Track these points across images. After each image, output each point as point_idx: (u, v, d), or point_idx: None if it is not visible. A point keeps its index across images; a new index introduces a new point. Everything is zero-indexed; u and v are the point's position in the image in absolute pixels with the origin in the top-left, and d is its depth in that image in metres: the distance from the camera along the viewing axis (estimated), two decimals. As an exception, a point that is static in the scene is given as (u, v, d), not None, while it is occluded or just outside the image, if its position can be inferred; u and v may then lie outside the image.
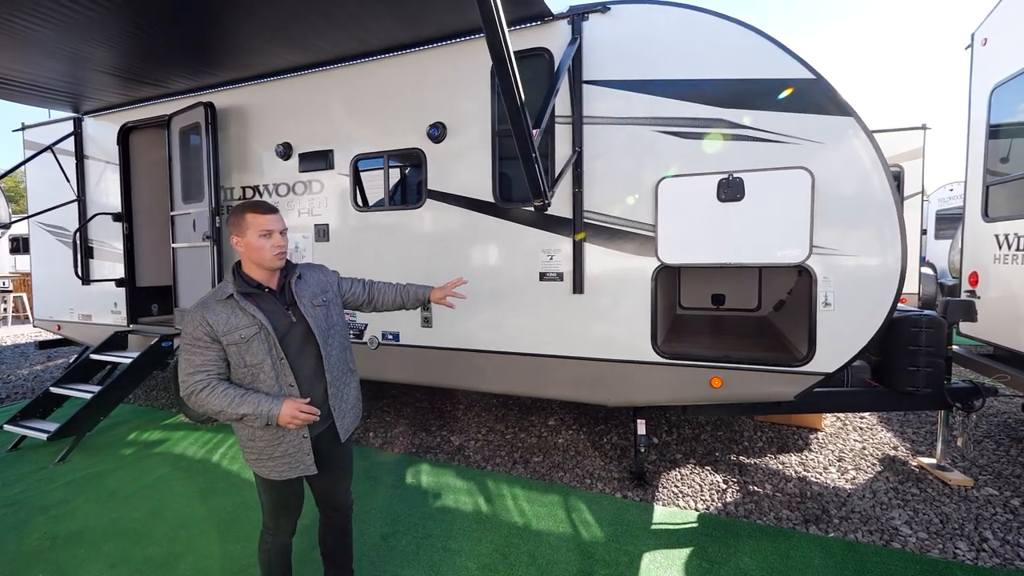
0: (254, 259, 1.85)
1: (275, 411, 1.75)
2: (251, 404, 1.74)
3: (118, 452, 4.25)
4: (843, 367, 2.87)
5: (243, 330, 1.79)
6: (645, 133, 3.14)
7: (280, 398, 1.78)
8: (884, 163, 2.73)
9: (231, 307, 1.80)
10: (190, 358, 1.76)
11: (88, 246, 5.47)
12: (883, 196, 2.74)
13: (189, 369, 1.76)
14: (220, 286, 1.87)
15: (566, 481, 3.69)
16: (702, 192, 2.99)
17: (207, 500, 3.39)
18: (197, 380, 1.75)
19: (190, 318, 1.78)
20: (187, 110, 4.49)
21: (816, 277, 2.84)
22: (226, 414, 1.74)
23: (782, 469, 3.84)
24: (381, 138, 3.92)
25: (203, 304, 1.81)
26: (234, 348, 1.78)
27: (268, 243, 1.84)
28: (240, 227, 1.84)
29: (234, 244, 1.86)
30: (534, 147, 2.36)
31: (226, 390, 1.75)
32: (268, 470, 1.89)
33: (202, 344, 1.76)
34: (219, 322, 1.77)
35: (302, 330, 1.91)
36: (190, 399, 1.75)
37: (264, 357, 1.81)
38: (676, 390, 3.18)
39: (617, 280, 3.27)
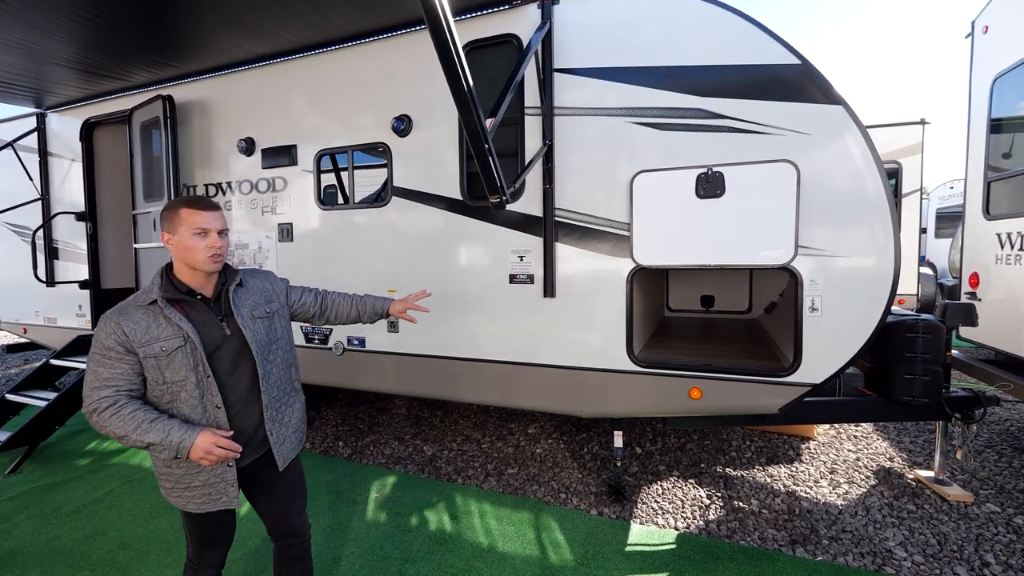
0: (185, 260, 1.64)
1: (187, 443, 1.53)
2: (159, 431, 1.52)
3: (73, 463, 4.05)
4: (832, 377, 2.64)
5: (164, 342, 1.58)
6: (620, 124, 2.92)
7: (196, 428, 1.56)
8: (876, 156, 2.51)
9: (153, 315, 1.59)
10: (97, 370, 1.54)
11: (52, 247, 5.26)
12: (875, 192, 2.51)
13: (95, 382, 1.54)
14: (144, 289, 1.66)
15: (540, 496, 3.48)
16: (680, 188, 2.77)
17: (153, 519, 3.18)
18: (103, 396, 1.52)
19: (104, 324, 1.57)
20: (147, 104, 4.28)
21: (802, 280, 2.62)
22: (130, 440, 1.51)
23: (770, 483, 3.62)
24: (345, 132, 3.70)
25: (121, 310, 1.59)
26: (152, 361, 1.57)
27: (202, 243, 1.62)
28: (172, 223, 1.63)
29: (164, 242, 1.65)
30: (487, 138, 2.14)
31: (134, 412, 1.52)
32: (185, 501, 1.68)
33: (113, 355, 1.54)
34: (137, 331, 1.56)
35: (236, 345, 1.70)
36: (91, 418, 1.53)
37: (188, 373, 1.60)
38: (653, 401, 2.96)
39: (590, 283, 3.05)
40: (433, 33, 1.82)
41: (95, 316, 4.99)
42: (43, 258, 5.22)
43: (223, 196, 4.23)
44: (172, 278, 1.66)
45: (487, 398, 3.37)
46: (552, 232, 3.07)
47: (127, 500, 3.41)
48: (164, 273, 1.68)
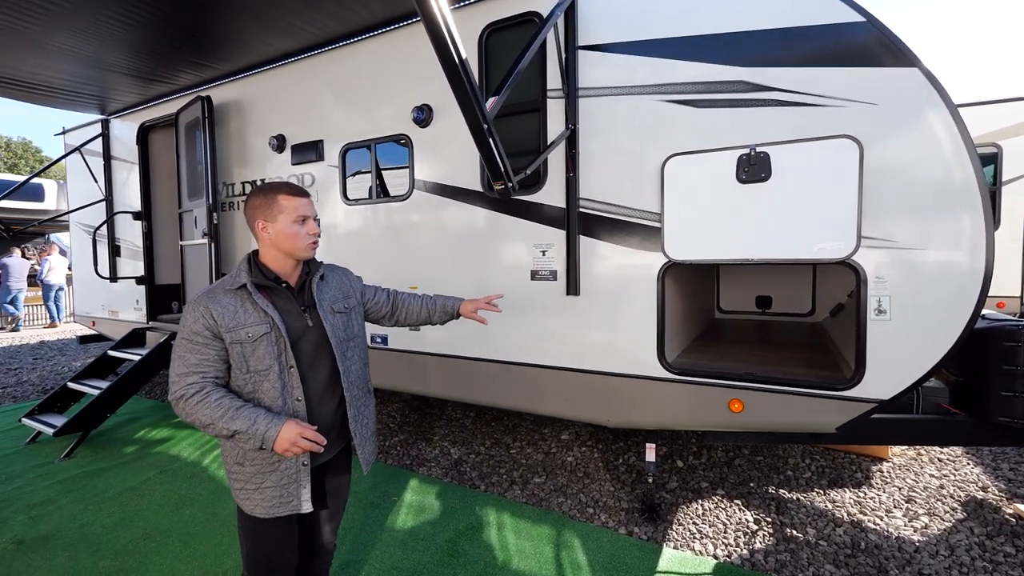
0: (284, 248, 1.61)
1: (272, 432, 1.47)
2: (246, 419, 1.46)
3: (121, 450, 4.24)
4: (903, 393, 2.22)
5: (251, 327, 1.54)
6: (650, 104, 2.62)
7: (281, 418, 1.50)
8: (963, 128, 2.07)
9: (241, 299, 1.56)
10: (185, 356, 1.51)
11: (115, 244, 5.60)
12: (962, 173, 2.08)
13: (182, 368, 1.50)
14: (231, 274, 1.62)
15: (565, 509, 3.23)
16: (718, 172, 2.44)
17: (179, 509, 3.23)
18: (190, 383, 1.49)
19: (191, 309, 1.53)
20: (189, 105, 4.42)
21: (865, 277, 2.22)
22: (215, 428, 1.46)
23: (832, 509, 3.17)
24: (368, 125, 3.62)
25: (209, 294, 1.56)
26: (238, 348, 1.53)
27: (303, 230, 1.61)
28: (270, 211, 1.59)
29: (259, 230, 1.61)
30: (485, 117, 1.93)
31: (220, 399, 1.48)
32: (254, 504, 1.58)
33: (201, 340, 1.51)
34: (225, 315, 1.52)
35: (316, 337, 1.66)
36: (178, 405, 1.49)
37: (271, 363, 1.55)
38: (687, 412, 2.64)
39: (617, 280, 2.77)
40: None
41: (150, 310, 5.25)
42: (106, 255, 5.56)
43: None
44: (260, 264, 1.63)
45: (506, 402, 3.17)
46: (576, 224, 2.82)
47: (159, 490, 3.50)
48: (252, 259, 1.64)
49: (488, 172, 2.12)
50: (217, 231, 4.21)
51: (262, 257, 1.64)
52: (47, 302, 11.39)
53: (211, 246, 4.19)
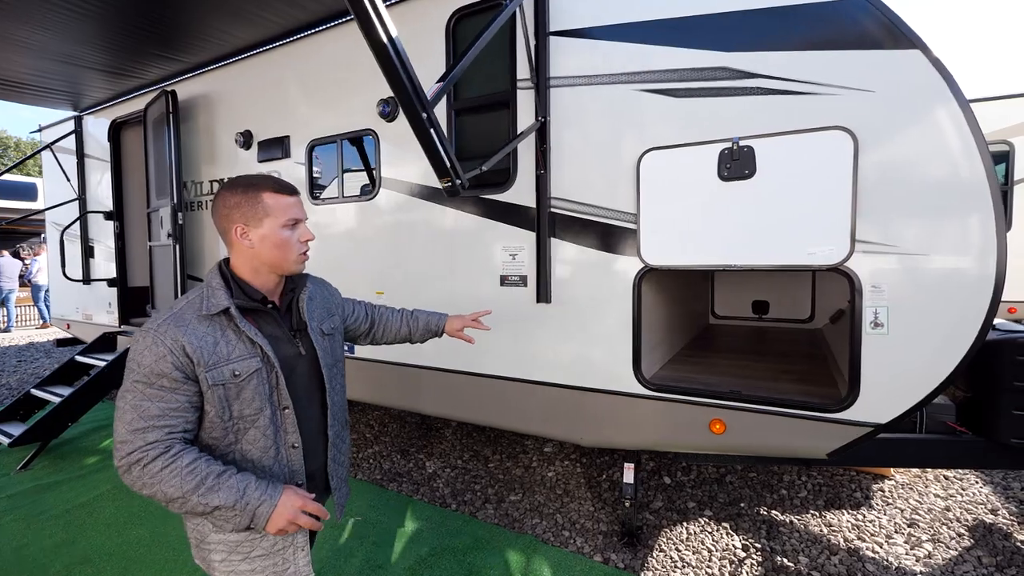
0: (269, 260, 1.27)
1: (267, 507, 1.15)
2: (231, 490, 1.13)
3: (81, 461, 4.05)
4: (903, 417, 1.98)
5: (238, 363, 1.20)
6: (626, 93, 2.39)
7: (277, 486, 1.19)
8: (971, 119, 1.83)
9: (220, 327, 1.21)
10: (141, 405, 1.12)
11: (89, 245, 5.42)
12: (969, 167, 1.84)
13: (137, 423, 1.11)
14: (200, 294, 1.24)
15: (539, 531, 3.01)
16: (698, 168, 2.21)
17: (126, 529, 3.03)
18: (149, 443, 1.11)
19: (150, 342, 1.15)
20: (155, 100, 4.23)
21: (860, 286, 1.98)
22: (186, 503, 1.11)
23: (827, 534, 2.93)
24: (334, 120, 3.41)
25: (176, 321, 1.18)
26: (219, 391, 1.19)
27: (294, 237, 1.29)
28: (251, 212, 1.24)
29: (236, 236, 1.25)
30: (424, 105, 1.71)
31: (193, 464, 1.13)
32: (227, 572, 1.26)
33: (167, 384, 1.14)
34: (203, 349, 1.17)
35: (308, 367, 1.37)
36: (130, 472, 1.11)
37: (262, 405, 1.24)
38: (664, 432, 2.41)
39: (590, 287, 2.55)
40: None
41: (122, 313, 5.07)
42: (79, 256, 5.39)
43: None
44: (240, 281, 1.28)
45: (473, 416, 2.95)
46: (546, 226, 2.60)
47: (109, 507, 3.30)
48: (227, 274, 1.28)
49: (432, 166, 1.90)
50: (182, 232, 4.01)
51: (239, 271, 1.28)
52: (37, 303, 11.29)
53: (175, 248, 3.99)
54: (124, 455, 1.11)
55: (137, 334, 1.17)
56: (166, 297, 4.24)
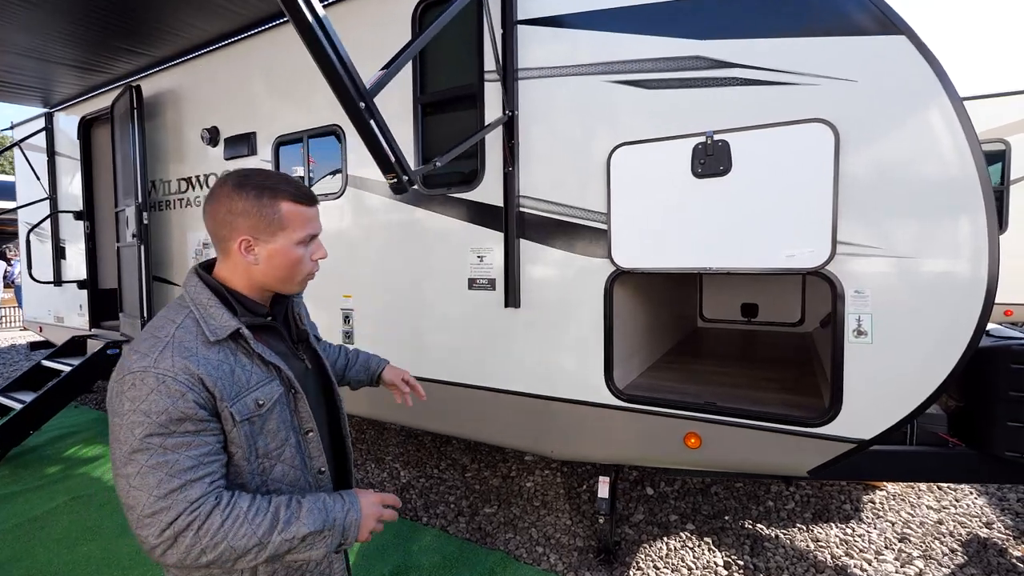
0: (272, 278, 1.07)
1: (354, 513, 1.01)
2: (312, 515, 0.97)
3: (42, 470, 3.90)
4: (890, 431, 1.84)
5: (259, 391, 1.02)
6: (595, 85, 2.25)
7: (348, 493, 1.06)
8: (961, 111, 1.69)
9: (231, 352, 1.01)
10: (166, 461, 0.89)
11: (60, 246, 5.27)
12: (959, 164, 1.70)
13: (168, 484, 0.88)
14: (190, 315, 1.01)
15: (512, 547, 2.86)
16: (670, 164, 2.06)
17: (78, 545, 2.87)
18: (194, 502, 0.89)
19: (153, 382, 0.91)
20: (121, 96, 4.08)
21: (842, 291, 1.84)
22: (269, 548, 0.92)
23: (814, 550, 2.79)
24: (300, 116, 3.26)
25: (177, 350, 0.95)
26: (246, 428, 0.99)
27: (307, 255, 1.09)
28: (265, 223, 1.02)
29: (238, 248, 1.03)
30: (361, 92, 1.56)
31: (253, 503, 0.95)
32: None
33: (192, 426, 0.92)
34: (221, 380, 0.96)
35: (315, 381, 1.22)
36: (178, 545, 0.88)
37: (287, 435, 1.07)
38: (637, 446, 2.27)
39: (560, 291, 2.40)
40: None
41: (92, 316, 4.92)
42: (50, 257, 5.23)
43: (192, 191, 3.94)
44: (237, 294, 1.07)
45: (437, 426, 2.81)
46: (514, 226, 2.45)
47: (64, 520, 3.14)
48: (219, 288, 1.05)
49: (376, 162, 1.75)
50: (147, 232, 3.86)
51: (231, 283, 1.06)
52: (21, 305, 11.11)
53: (140, 248, 3.84)
54: (162, 530, 0.86)
55: (127, 379, 0.91)
56: (134, 300, 4.08)
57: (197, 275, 1.06)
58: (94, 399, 5.81)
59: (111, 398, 0.93)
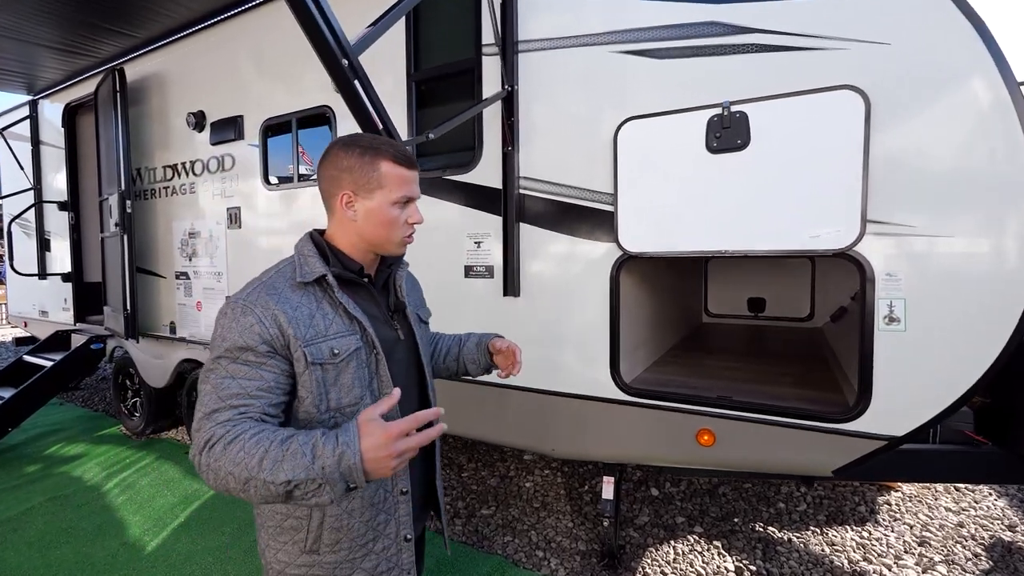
0: (372, 237, 1.09)
1: (352, 449, 0.81)
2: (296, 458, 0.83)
3: (22, 469, 3.74)
4: (924, 428, 1.69)
5: (336, 340, 1.02)
6: (602, 56, 2.09)
7: (345, 427, 0.85)
8: (1008, 74, 1.53)
9: (315, 299, 1.04)
10: (221, 384, 0.93)
11: (44, 238, 5.10)
12: (1006, 134, 1.54)
13: (212, 404, 0.92)
14: (291, 262, 1.08)
15: (510, 551, 2.71)
16: (683, 139, 1.91)
17: (51, 549, 2.72)
18: (218, 423, 0.90)
19: (238, 312, 0.97)
20: (104, 80, 3.91)
21: (872, 274, 1.68)
22: (256, 484, 0.83)
23: (829, 554, 2.64)
24: (289, 97, 3.10)
25: (267, 288, 1.01)
26: (317, 373, 0.99)
27: (403, 217, 1.09)
28: (365, 179, 1.05)
29: (340, 204, 1.07)
30: (344, 50, 1.40)
31: (257, 436, 0.87)
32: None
33: (252, 358, 0.95)
34: (300, 320, 0.99)
35: (406, 355, 1.18)
36: (198, 461, 0.89)
37: (362, 393, 1.04)
38: (645, 444, 2.11)
39: (563, 278, 2.25)
40: None
41: (77, 310, 4.75)
42: (34, 249, 5.07)
43: (178, 179, 3.77)
44: (335, 251, 1.10)
45: (436, 426, 2.64)
46: (514, 209, 2.29)
47: (38, 522, 2.98)
48: (321, 242, 1.10)
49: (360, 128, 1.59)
50: (131, 221, 3.69)
51: (336, 241, 1.10)
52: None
53: (123, 238, 3.68)
54: (200, 446, 0.89)
55: (223, 306, 1.01)
56: (117, 293, 3.92)
57: (308, 234, 1.12)
58: (80, 396, 5.65)
59: None
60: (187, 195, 3.73)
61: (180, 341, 3.81)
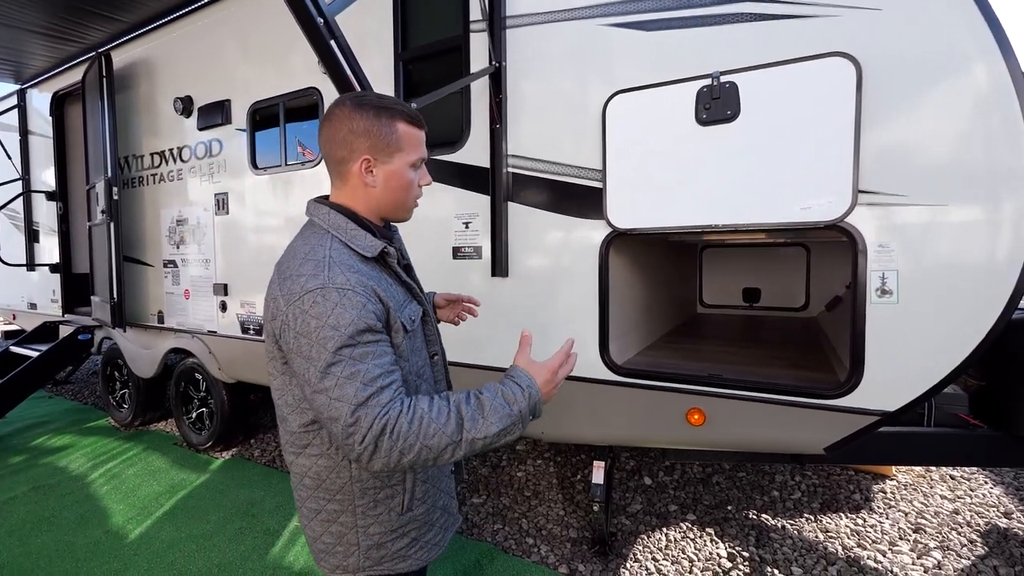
0: (388, 203, 1.06)
1: (536, 396, 0.98)
2: (498, 411, 0.92)
3: (5, 460, 3.69)
4: (917, 402, 1.65)
5: (409, 308, 1.05)
6: (590, 29, 2.05)
7: (516, 371, 1.01)
8: (1002, 36, 1.50)
9: (379, 270, 1.03)
10: (357, 371, 0.89)
11: (33, 229, 5.04)
12: (1000, 103, 1.51)
13: (363, 392, 0.87)
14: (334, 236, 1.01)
15: (499, 538, 2.67)
16: (673, 111, 1.87)
17: (32, 537, 2.67)
18: (387, 404, 0.88)
19: (336, 297, 0.91)
20: (91, 67, 3.86)
21: (864, 245, 1.65)
22: (463, 447, 0.90)
23: (823, 541, 2.60)
24: (277, 80, 3.06)
25: (343, 266, 0.95)
26: (408, 340, 1.03)
27: (416, 180, 1.08)
28: (384, 142, 1.01)
29: (359, 171, 1.01)
30: (320, 7, 1.36)
31: (432, 404, 0.91)
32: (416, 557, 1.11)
33: (372, 337, 0.92)
34: (391, 293, 1.01)
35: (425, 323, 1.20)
36: (379, 448, 0.86)
37: (426, 355, 1.13)
38: (635, 424, 2.07)
39: (552, 257, 2.21)
40: None
41: (65, 301, 4.69)
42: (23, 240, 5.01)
43: (166, 165, 3.73)
44: (365, 221, 1.06)
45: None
46: (502, 188, 2.26)
47: (21, 511, 2.93)
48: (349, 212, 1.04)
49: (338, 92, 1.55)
50: (118, 208, 3.64)
51: (357, 210, 1.05)
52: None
53: (110, 226, 3.63)
54: (363, 436, 0.86)
55: (306, 298, 0.91)
56: (105, 282, 3.86)
57: (320, 203, 1.05)
58: (70, 390, 5.59)
59: (289, 322, 0.92)
60: (175, 182, 3.68)
61: (168, 330, 3.76)
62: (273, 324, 0.97)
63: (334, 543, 1.05)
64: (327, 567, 1.07)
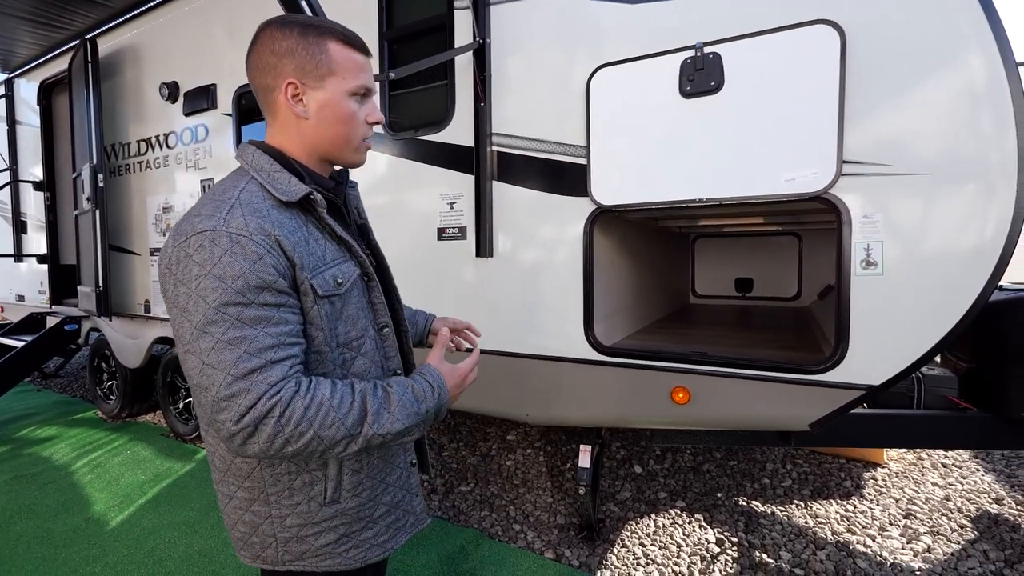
0: (327, 139, 0.92)
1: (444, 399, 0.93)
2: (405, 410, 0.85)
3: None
4: (899, 377, 1.63)
5: (336, 268, 0.89)
6: (574, 4, 2.03)
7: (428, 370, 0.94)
8: (990, 5, 1.48)
9: (301, 221, 0.87)
10: (244, 336, 0.76)
11: (20, 219, 4.99)
12: (987, 69, 1.49)
13: (247, 362, 0.75)
14: (254, 178, 0.87)
15: (486, 525, 2.64)
16: (656, 84, 1.85)
17: (11, 525, 2.63)
18: (278, 383, 0.76)
19: (226, 242, 0.77)
20: (76, 53, 3.82)
21: (849, 216, 1.62)
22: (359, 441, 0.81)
23: (813, 527, 2.58)
24: (262, 62, 3.02)
25: (247, 208, 0.81)
26: (326, 306, 0.87)
27: (362, 113, 0.93)
28: (314, 66, 0.87)
29: (286, 99, 0.88)
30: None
31: (335, 390, 0.81)
32: (364, 551, 0.97)
33: (271, 298, 0.79)
34: (298, 246, 0.83)
35: (381, 283, 1.03)
36: (260, 432, 0.75)
37: (366, 325, 0.95)
38: (619, 404, 2.04)
39: (537, 236, 2.18)
40: None
41: (53, 292, 4.65)
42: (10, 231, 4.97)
43: (152, 152, 3.69)
44: (297, 163, 0.91)
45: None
46: (487, 167, 2.23)
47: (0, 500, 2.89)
48: (281, 153, 0.91)
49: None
50: (103, 195, 3.60)
51: (287, 149, 0.91)
52: None
53: (95, 213, 3.59)
54: (240, 415, 0.74)
55: (193, 240, 0.77)
56: (91, 271, 3.82)
57: (252, 144, 0.92)
58: (59, 384, 5.54)
59: (171, 265, 0.79)
60: (161, 169, 3.64)
61: (154, 319, 3.72)
62: (159, 269, 0.82)
63: (249, 533, 0.92)
64: (247, 556, 0.94)
